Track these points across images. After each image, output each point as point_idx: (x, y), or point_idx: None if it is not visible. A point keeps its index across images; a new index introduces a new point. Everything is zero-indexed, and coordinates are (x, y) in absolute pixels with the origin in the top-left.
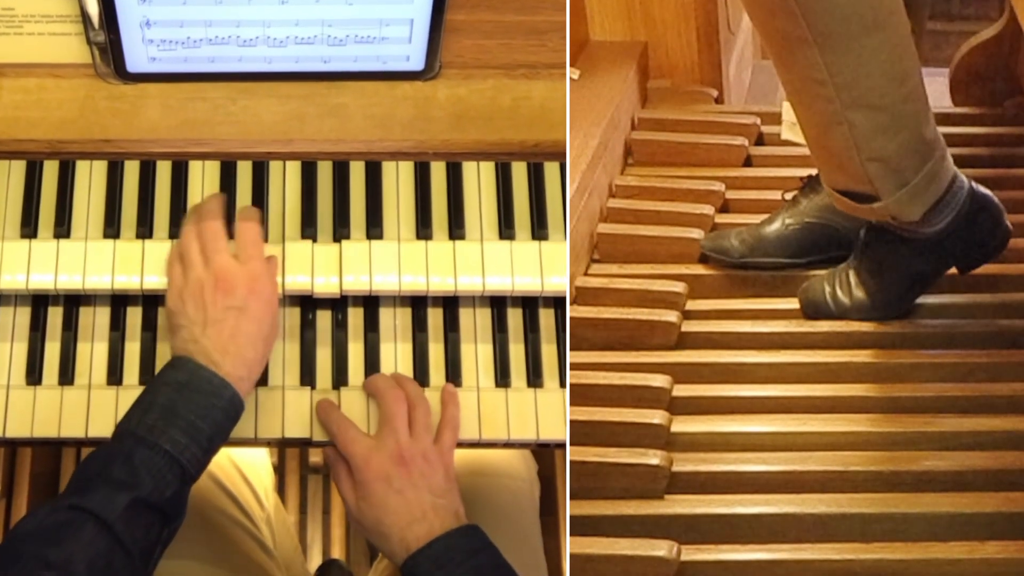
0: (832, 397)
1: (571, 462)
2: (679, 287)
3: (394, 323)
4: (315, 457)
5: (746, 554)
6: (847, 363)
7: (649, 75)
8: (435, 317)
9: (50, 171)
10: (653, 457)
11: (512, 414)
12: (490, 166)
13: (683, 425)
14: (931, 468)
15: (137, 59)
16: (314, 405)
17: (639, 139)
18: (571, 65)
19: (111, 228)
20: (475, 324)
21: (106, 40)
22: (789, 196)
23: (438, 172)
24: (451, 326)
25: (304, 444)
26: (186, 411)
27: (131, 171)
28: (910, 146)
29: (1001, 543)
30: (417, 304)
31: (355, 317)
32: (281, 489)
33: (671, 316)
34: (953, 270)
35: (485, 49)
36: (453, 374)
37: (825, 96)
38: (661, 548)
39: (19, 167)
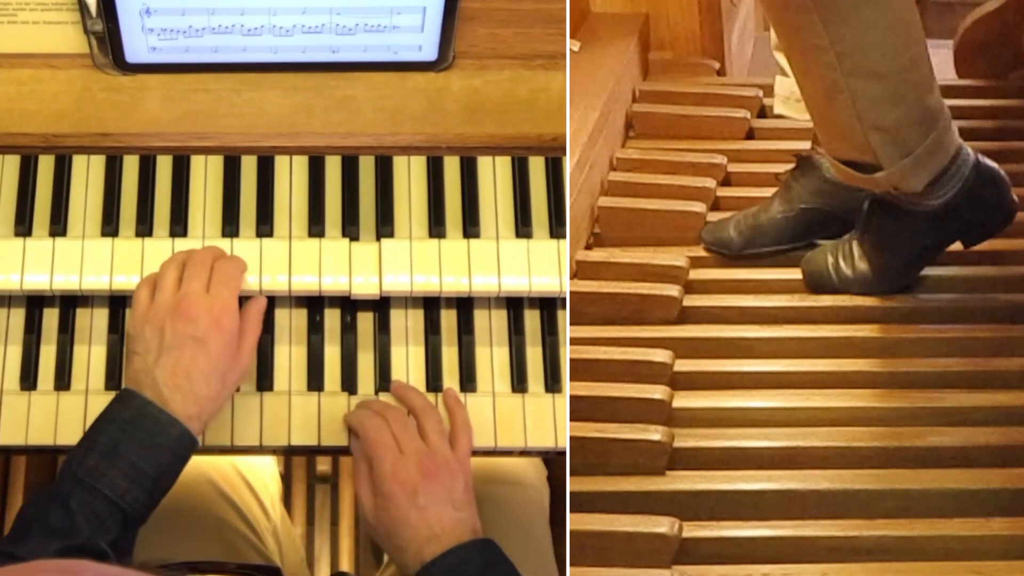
0: (835, 372)
1: (571, 438)
2: (680, 261)
3: (406, 325)
4: (323, 465)
5: (748, 531)
6: (850, 338)
7: (650, 47)
8: (448, 319)
9: (45, 166)
10: (654, 433)
11: (529, 421)
12: (506, 161)
13: (685, 400)
14: (936, 444)
15: (137, 49)
16: (321, 411)
17: (640, 111)
18: (572, 37)
19: (109, 226)
20: (490, 326)
21: (104, 29)
22: (785, 176)
23: (451, 167)
24: (465, 328)
25: (311, 452)
26: (129, 452)
27: (130, 166)
28: (913, 115)
29: (1006, 520)
30: (430, 305)
31: (364, 319)
32: (287, 499)
33: (672, 290)
34: (957, 244)
35: (501, 38)
36: (467, 379)
37: (826, 63)
38: (662, 525)
39: (13, 162)
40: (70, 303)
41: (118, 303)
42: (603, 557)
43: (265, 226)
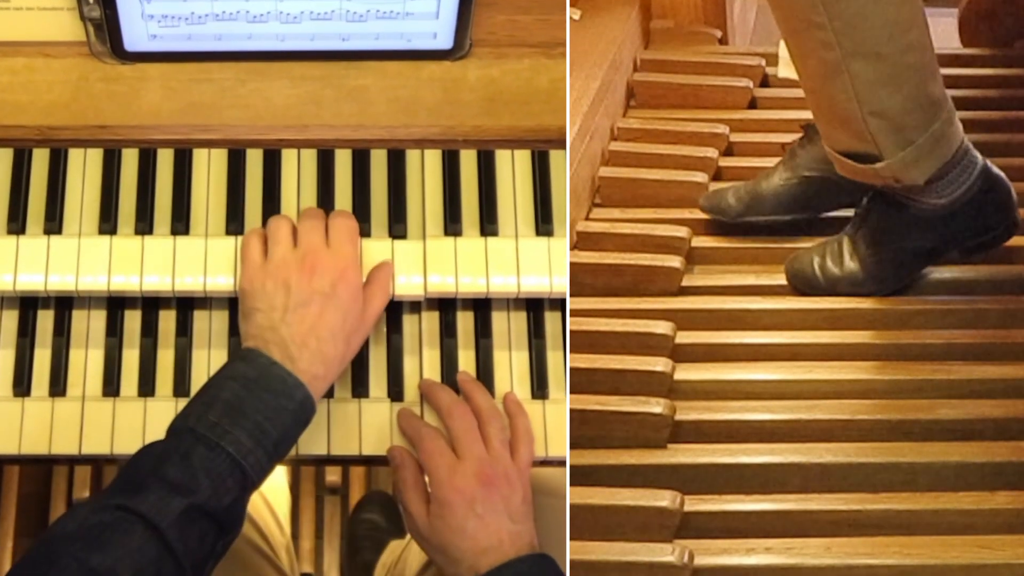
0: (838, 344)
1: (571, 411)
2: (682, 232)
3: (419, 328)
4: (332, 476)
5: (750, 504)
6: (853, 309)
7: (651, 15)
8: (465, 321)
9: (40, 160)
10: (656, 405)
11: (550, 428)
12: (526, 155)
13: (686, 373)
14: (939, 417)
15: (136, 36)
16: (331, 418)
17: (641, 80)
18: (572, 6)
19: (107, 223)
20: (509, 329)
21: (102, 15)
22: (791, 146)
23: (468, 161)
24: (483, 331)
25: (321, 462)
26: (253, 411)
27: (129, 160)
28: (914, 102)
29: (1011, 493)
30: (445, 307)
31: (376, 321)
32: (295, 511)
33: (674, 261)
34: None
35: (521, 25)
36: (485, 384)
37: (824, 42)
38: (664, 498)
39: (6, 156)
40: (66, 304)
41: (116, 304)
42: (604, 531)
43: None
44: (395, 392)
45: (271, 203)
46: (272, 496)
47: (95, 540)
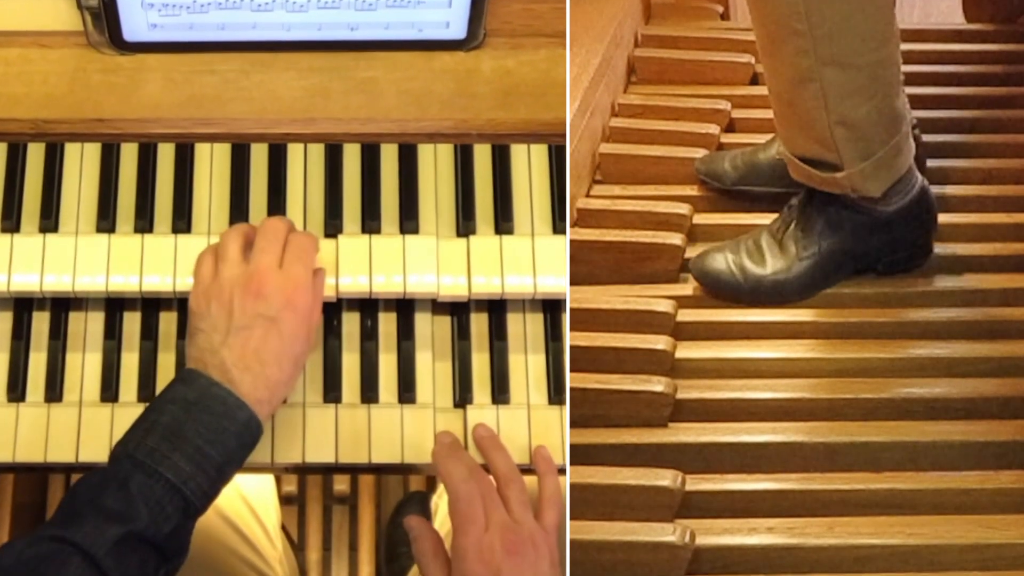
0: (841, 322)
1: (572, 389)
2: (684, 208)
3: (431, 330)
4: (340, 484)
5: (753, 484)
6: (855, 288)
7: None
8: (479, 323)
9: (35, 155)
10: (657, 384)
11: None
12: (542, 149)
13: (688, 351)
14: (943, 395)
15: (135, 26)
16: (339, 424)
17: (642, 56)
18: None
19: (105, 221)
20: (525, 331)
21: (100, 4)
22: None
23: (482, 156)
24: (498, 334)
25: (328, 470)
26: (193, 434)
27: (128, 155)
28: (880, 114)
29: (1015, 472)
30: (458, 309)
31: (387, 323)
32: (302, 521)
33: (675, 239)
34: None
35: (537, 14)
36: (500, 389)
37: (801, 48)
38: (665, 478)
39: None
40: (62, 306)
41: (115, 306)
42: (604, 511)
43: None
44: (406, 397)
45: (277, 199)
46: (261, 508)
47: (31, 573)
